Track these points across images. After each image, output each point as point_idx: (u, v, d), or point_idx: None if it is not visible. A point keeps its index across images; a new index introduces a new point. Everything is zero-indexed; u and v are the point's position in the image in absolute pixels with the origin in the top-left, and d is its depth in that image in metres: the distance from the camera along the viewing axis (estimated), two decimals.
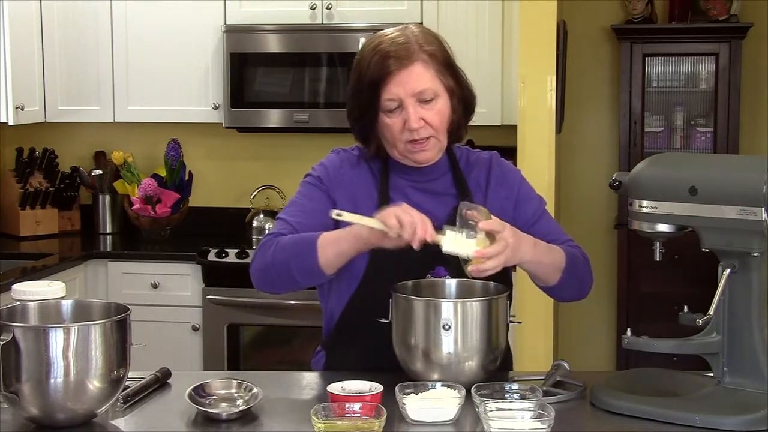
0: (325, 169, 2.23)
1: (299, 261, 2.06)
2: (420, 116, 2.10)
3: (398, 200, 2.18)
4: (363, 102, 2.14)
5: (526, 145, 3.75)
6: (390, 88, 2.09)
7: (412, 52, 2.10)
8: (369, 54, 2.12)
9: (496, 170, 2.25)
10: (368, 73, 2.11)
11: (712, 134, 4.65)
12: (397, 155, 2.18)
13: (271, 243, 2.11)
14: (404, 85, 2.09)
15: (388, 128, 2.13)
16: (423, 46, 2.12)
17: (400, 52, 2.09)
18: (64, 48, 4.44)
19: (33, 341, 1.74)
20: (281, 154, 4.69)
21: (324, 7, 4.29)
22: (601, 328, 4.96)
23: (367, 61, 2.12)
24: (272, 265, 2.09)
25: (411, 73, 2.09)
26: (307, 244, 2.06)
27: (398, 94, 2.09)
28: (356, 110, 2.17)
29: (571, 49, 4.71)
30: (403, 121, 2.11)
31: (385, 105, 2.11)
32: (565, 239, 2.22)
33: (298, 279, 2.08)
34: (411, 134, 2.11)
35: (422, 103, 2.11)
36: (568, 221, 4.63)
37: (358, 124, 2.19)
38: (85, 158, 4.80)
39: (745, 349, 1.90)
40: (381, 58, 2.09)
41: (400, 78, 2.09)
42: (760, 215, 1.83)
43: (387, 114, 2.12)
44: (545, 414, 1.75)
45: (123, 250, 4.39)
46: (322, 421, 1.74)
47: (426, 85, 2.10)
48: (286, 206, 2.23)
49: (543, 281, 2.15)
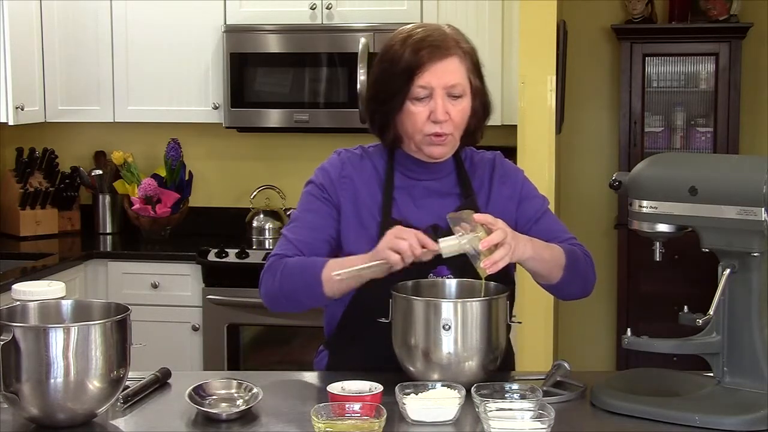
0: (327, 174, 2.23)
1: (305, 291, 2.10)
2: (446, 110, 2.11)
3: (402, 200, 2.19)
4: (393, 87, 2.13)
5: (526, 145, 3.75)
6: (425, 76, 2.10)
7: (450, 45, 2.12)
8: (403, 41, 2.13)
9: (499, 170, 2.26)
10: (403, 59, 2.11)
11: (712, 134, 4.65)
12: (412, 147, 2.18)
13: (277, 267, 2.14)
14: (439, 75, 2.10)
15: (412, 117, 2.13)
16: (459, 42, 2.14)
17: (438, 42, 2.11)
18: (64, 48, 4.44)
19: (33, 341, 1.75)
20: (281, 154, 4.69)
21: (324, 7, 4.29)
22: (601, 328, 4.96)
23: (400, 49, 2.12)
24: (281, 294, 2.14)
25: (447, 65, 2.11)
26: (312, 275, 2.09)
27: (431, 83, 2.10)
28: (382, 95, 2.16)
29: (571, 49, 4.71)
30: (429, 112, 2.11)
31: (415, 92, 2.11)
32: (568, 237, 2.22)
33: (307, 304, 2.15)
34: (434, 126, 2.12)
35: (451, 98, 2.12)
36: (568, 221, 4.59)
37: (381, 110, 2.18)
38: (85, 158, 4.80)
39: (745, 349, 1.90)
40: (419, 46, 2.11)
41: (435, 68, 2.10)
42: (760, 215, 1.83)
43: (414, 102, 2.12)
44: (545, 414, 1.75)
45: (123, 250, 4.39)
46: (322, 421, 1.74)
47: (458, 80, 2.12)
48: (290, 221, 2.25)
49: (545, 279, 2.15)
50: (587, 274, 2.20)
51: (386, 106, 2.16)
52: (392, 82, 2.13)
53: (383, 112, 2.18)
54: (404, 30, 2.18)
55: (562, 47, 4.21)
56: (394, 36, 2.18)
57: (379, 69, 2.18)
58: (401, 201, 2.19)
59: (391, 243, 1.98)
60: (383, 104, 2.17)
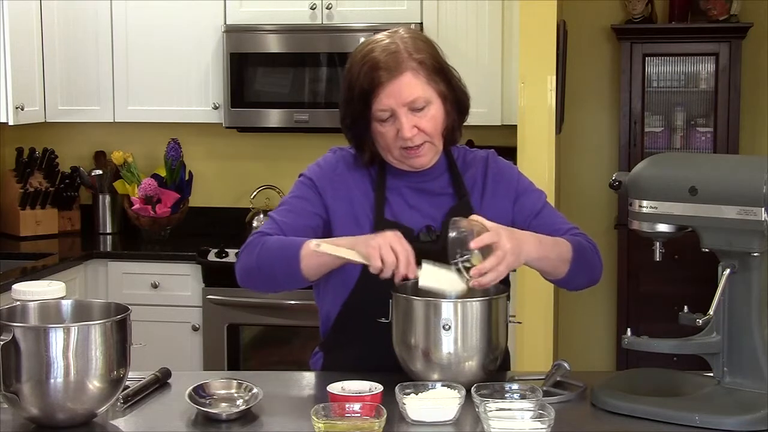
0: (320, 170, 2.23)
1: (282, 266, 2.06)
2: (413, 124, 2.09)
3: (394, 200, 2.18)
4: (355, 111, 2.12)
5: (526, 145, 3.75)
6: (381, 99, 2.08)
7: (401, 61, 2.08)
8: (359, 63, 2.11)
9: (492, 167, 2.25)
10: (358, 84, 2.10)
11: (712, 134, 4.65)
12: (392, 160, 2.17)
13: (257, 243, 2.11)
14: (395, 95, 2.07)
15: (381, 136, 2.13)
16: (412, 54, 2.09)
17: (389, 62, 2.07)
18: (64, 48, 4.44)
19: (33, 341, 1.75)
20: (281, 154, 4.69)
21: (324, 7, 4.29)
22: (601, 328, 4.96)
23: (357, 71, 2.10)
24: (257, 267, 2.09)
25: (401, 83, 2.07)
26: (291, 250, 2.05)
27: (389, 105, 2.08)
28: (348, 118, 2.16)
29: (571, 49, 4.71)
30: (397, 130, 2.10)
31: (377, 115, 2.10)
32: (569, 227, 2.21)
33: (282, 283, 2.10)
34: (405, 142, 2.10)
35: (415, 112, 2.09)
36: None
37: (351, 132, 2.19)
38: (85, 158, 4.80)
39: (745, 349, 1.90)
40: (370, 69, 2.08)
41: (390, 89, 2.07)
42: (760, 215, 1.83)
43: (380, 123, 2.11)
44: (545, 414, 1.75)
45: (123, 250, 4.40)
46: (322, 421, 1.74)
47: (417, 94, 2.09)
48: (279, 204, 2.24)
49: (552, 275, 2.14)
50: (594, 262, 2.19)
51: (355, 128, 2.16)
52: (353, 107, 2.12)
53: (354, 133, 2.17)
54: (364, 46, 2.14)
55: (562, 47, 4.21)
56: (355, 52, 2.15)
57: (342, 93, 2.17)
58: (394, 201, 2.18)
59: (383, 248, 1.94)
60: (351, 127, 2.17)
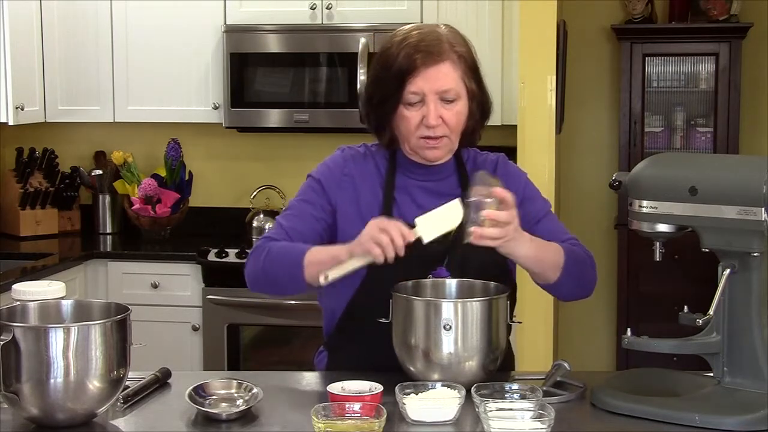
0: (328, 170, 2.24)
1: (286, 274, 2.09)
2: (439, 114, 2.11)
3: (402, 200, 2.19)
4: (386, 91, 2.13)
5: (526, 145, 3.75)
6: (416, 81, 2.10)
7: (443, 50, 2.11)
8: (399, 43, 2.13)
9: (501, 171, 2.25)
10: (396, 63, 2.11)
11: (712, 134, 4.65)
12: (407, 149, 2.19)
13: (263, 248, 2.14)
14: (431, 81, 2.10)
15: (405, 121, 2.13)
16: (454, 45, 2.13)
17: (431, 47, 2.10)
18: (64, 48, 4.44)
19: (33, 341, 1.75)
20: (281, 154, 4.69)
21: (324, 7, 4.29)
22: (601, 328, 4.96)
23: (396, 50, 2.12)
24: (263, 274, 2.14)
25: (439, 70, 2.10)
26: (295, 258, 2.08)
27: (423, 89, 2.10)
28: (376, 98, 2.17)
29: (571, 49, 4.70)
30: (422, 116, 2.11)
31: (407, 97, 2.11)
32: (568, 237, 2.21)
33: (287, 288, 2.14)
34: (427, 130, 2.12)
35: (444, 102, 2.12)
36: (568, 221, 4.61)
37: (376, 113, 2.19)
38: (85, 158, 4.80)
39: (745, 349, 1.90)
40: (412, 51, 2.10)
41: (428, 73, 2.10)
42: (760, 215, 1.83)
43: (407, 106, 2.12)
44: (545, 414, 1.75)
45: (123, 250, 4.40)
46: (322, 421, 1.74)
47: (451, 85, 2.11)
48: (286, 208, 2.26)
49: (542, 279, 2.15)
50: (587, 274, 2.19)
51: (380, 109, 2.17)
52: (385, 86, 2.14)
53: (378, 115, 2.18)
54: (401, 31, 2.17)
55: (562, 47, 4.21)
56: (391, 37, 2.18)
57: (375, 72, 2.19)
58: (402, 201, 2.19)
59: (373, 236, 1.96)
60: (378, 107, 2.17)
